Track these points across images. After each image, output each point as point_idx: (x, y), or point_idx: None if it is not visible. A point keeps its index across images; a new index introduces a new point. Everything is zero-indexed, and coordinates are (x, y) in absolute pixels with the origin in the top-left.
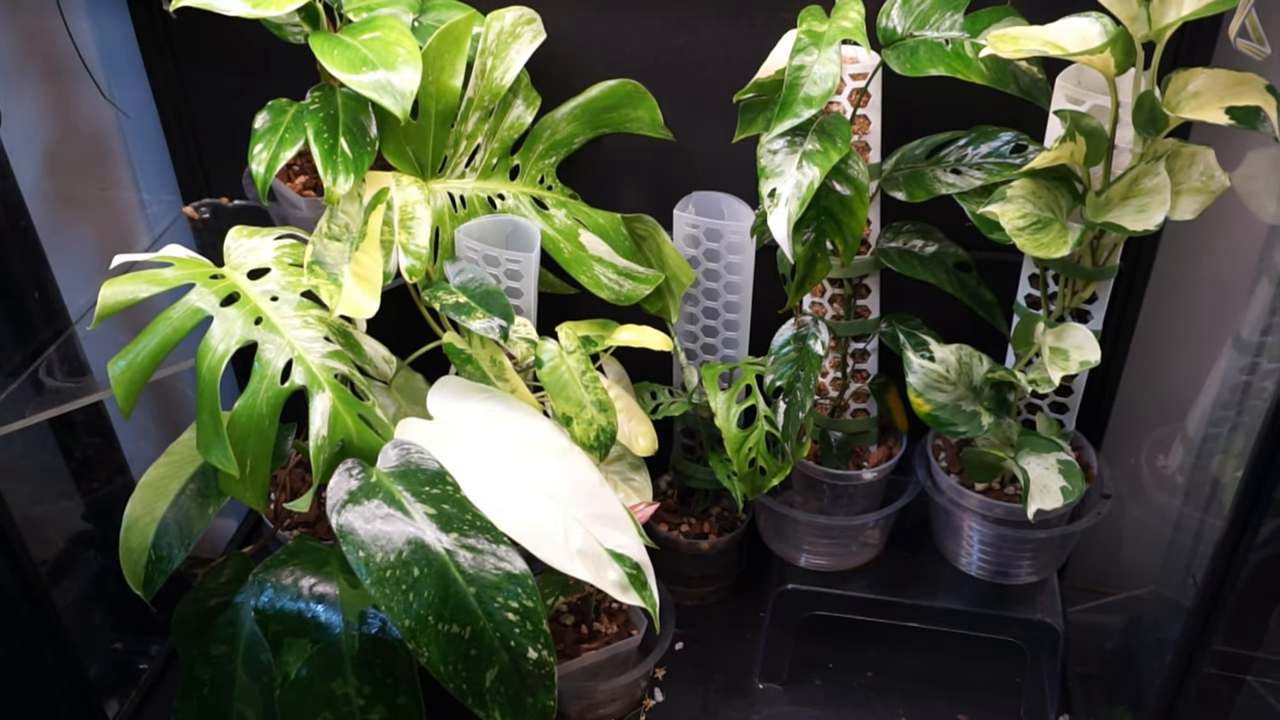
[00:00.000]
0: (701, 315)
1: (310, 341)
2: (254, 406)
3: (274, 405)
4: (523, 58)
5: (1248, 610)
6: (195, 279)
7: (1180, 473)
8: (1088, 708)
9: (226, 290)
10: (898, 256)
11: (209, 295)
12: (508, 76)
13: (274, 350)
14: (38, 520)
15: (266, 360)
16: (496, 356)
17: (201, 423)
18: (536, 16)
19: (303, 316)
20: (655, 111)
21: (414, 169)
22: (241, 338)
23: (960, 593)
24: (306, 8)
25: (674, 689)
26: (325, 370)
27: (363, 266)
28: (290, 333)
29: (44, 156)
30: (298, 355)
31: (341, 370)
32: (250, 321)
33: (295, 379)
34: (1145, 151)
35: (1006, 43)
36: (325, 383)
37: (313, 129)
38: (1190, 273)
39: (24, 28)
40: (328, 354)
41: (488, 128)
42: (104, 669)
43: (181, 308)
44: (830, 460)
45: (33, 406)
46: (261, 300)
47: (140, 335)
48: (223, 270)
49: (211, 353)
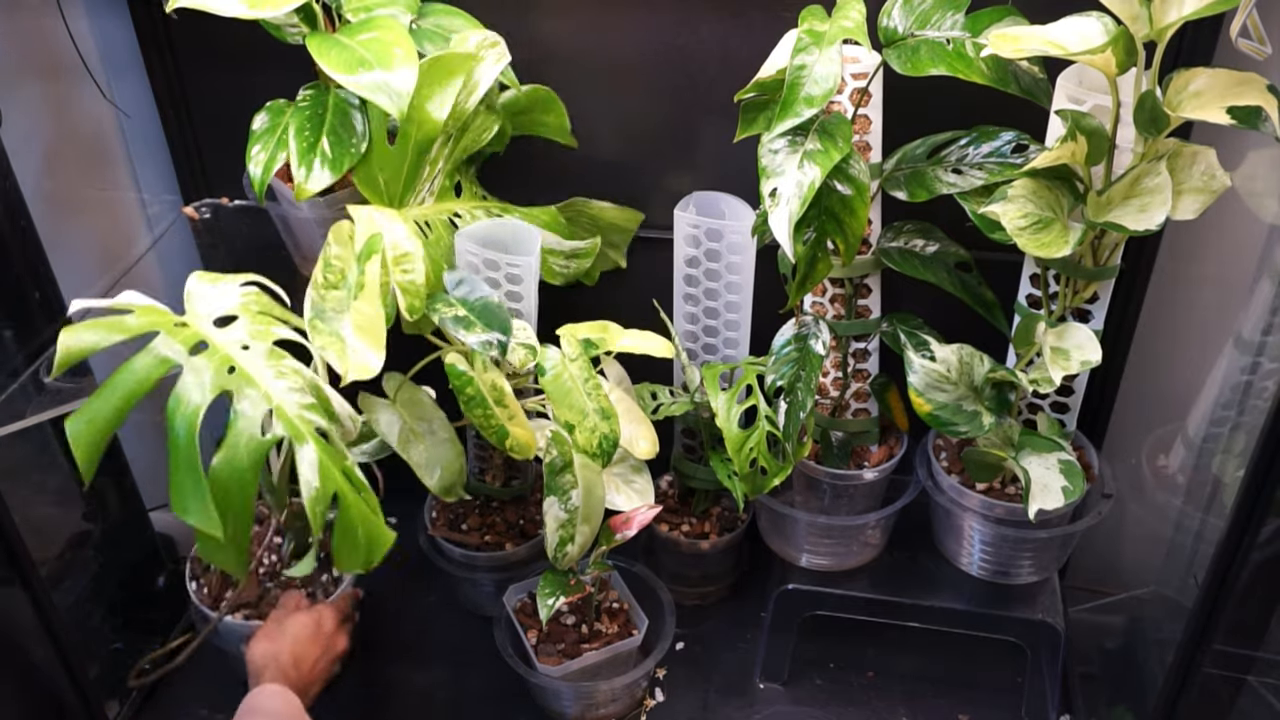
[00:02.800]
0: (702, 315)
1: (287, 393)
2: (235, 460)
3: (256, 458)
4: (488, 81)
5: (1248, 610)
6: (158, 327)
7: (1181, 472)
8: (1088, 707)
9: (193, 339)
10: (899, 256)
11: (175, 344)
12: (472, 100)
13: (251, 401)
14: (38, 520)
15: (243, 412)
16: (498, 381)
17: (177, 481)
18: (500, 40)
19: (275, 367)
20: (564, 118)
21: (383, 198)
22: (216, 387)
23: (961, 592)
24: (304, 8)
25: (674, 689)
26: (305, 422)
27: (364, 318)
28: (266, 383)
29: (44, 156)
30: (277, 406)
31: (320, 423)
32: (223, 371)
33: (276, 430)
34: (1146, 151)
35: (1007, 42)
36: (308, 434)
37: (295, 125)
38: (1191, 272)
39: (24, 28)
40: (305, 406)
41: (447, 151)
42: (104, 669)
43: (147, 357)
44: (831, 460)
45: (33, 406)
46: (232, 349)
47: (100, 390)
48: (184, 318)
49: (186, 403)
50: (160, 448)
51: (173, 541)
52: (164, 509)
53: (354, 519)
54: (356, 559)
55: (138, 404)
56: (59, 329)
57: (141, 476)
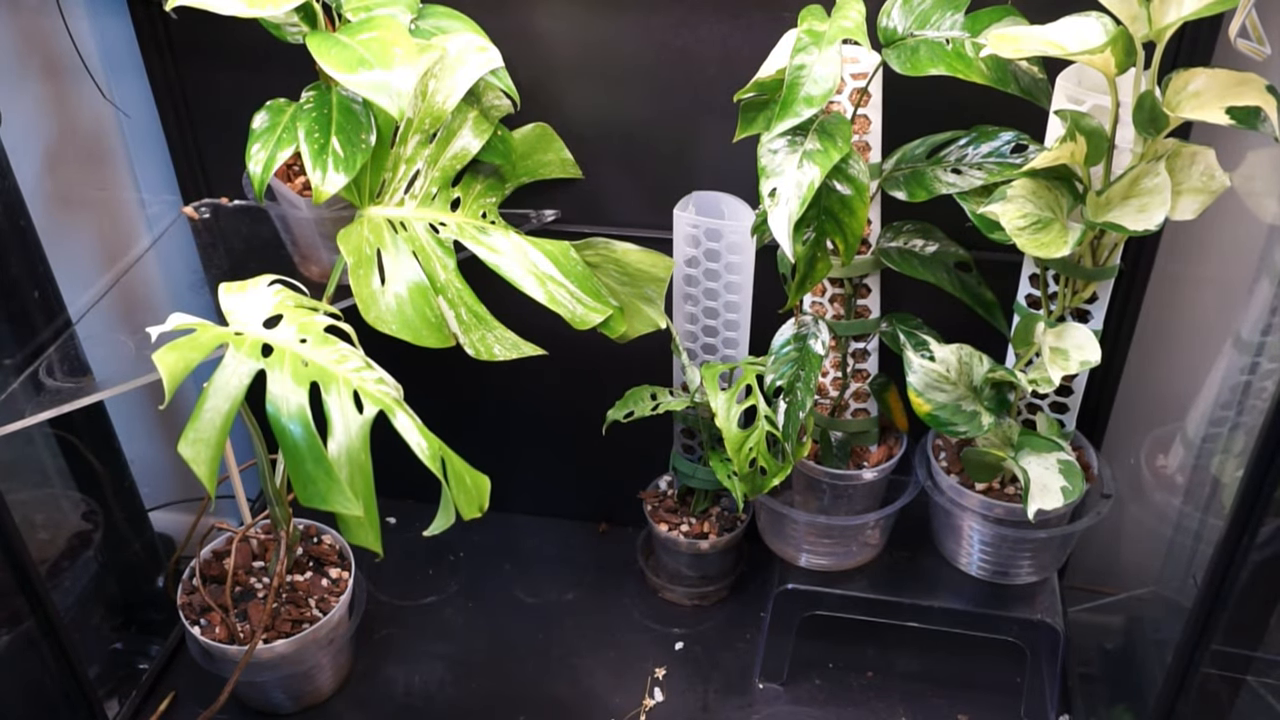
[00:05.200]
0: (702, 315)
1: (356, 373)
2: (349, 444)
3: (365, 436)
4: (468, 81)
5: (1248, 610)
6: (223, 339)
7: (1180, 473)
8: (1088, 708)
9: (257, 344)
10: (898, 256)
11: (243, 355)
12: (450, 100)
13: (335, 388)
14: (38, 520)
15: (333, 399)
16: None
17: (305, 474)
18: (490, 46)
19: (336, 353)
20: (562, 150)
21: (350, 192)
22: (303, 381)
23: (960, 593)
24: (304, 7)
25: (674, 688)
26: (385, 395)
27: None
28: (338, 369)
29: (44, 156)
30: (359, 388)
31: (394, 393)
32: (299, 366)
33: (369, 408)
34: (1146, 151)
35: (1007, 42)
36: (395, 405)
37: (304, 128)
38: (1190, 272)
39: (24, 27)
40: (377, 381)
41: (428, 153)
42: (104, 669)
43: (229, 370)
44: (830, 460)
45: (33, 406)
46: (293, 345)
47: (198, 410)
48: (237, 328)
49: (287, 404)
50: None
51: (172, 541)
52: (164, 509)
53: (459, 469)
54: (473, 503)
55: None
56: (59, 329)
57: (141, 476)
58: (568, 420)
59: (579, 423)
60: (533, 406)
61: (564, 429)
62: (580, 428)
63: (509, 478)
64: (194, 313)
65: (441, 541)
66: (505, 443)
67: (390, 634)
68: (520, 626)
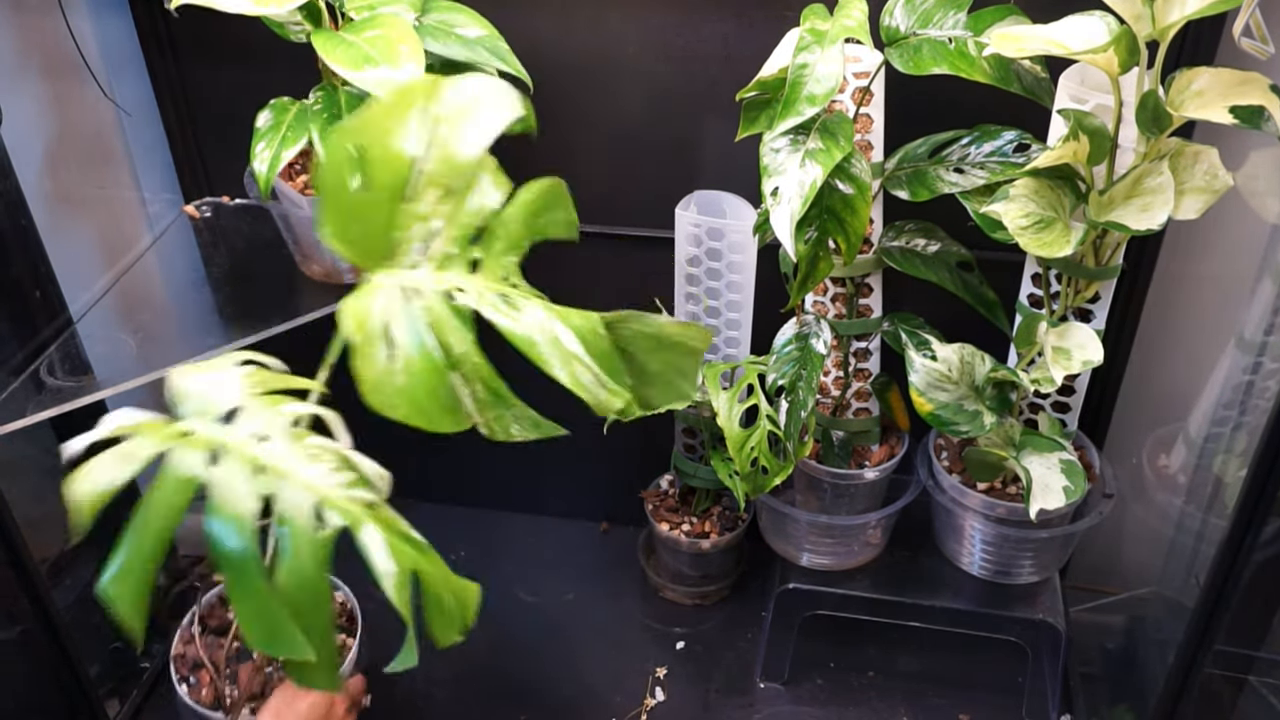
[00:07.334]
0: (703, 314)
1: (327, 475)
2: (300, 569)
3: (321, 560)
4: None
5: (1250, 610)
6: (166, 443)
7: (1183, 472)
8: (1089, 707)
9: (206, 447)
10: (900, 255)
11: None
12: (470, 147)
13: (294, 497)
14: (38, 520)
15: (290, 512)
16: None
17: (249, 613)
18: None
19: (304, 451)
20: (570, 210)
21: (359, 254)
22: (254, 495)
23: (962, 592)
24: (308, 5)
25: (675, 688)
26: (355, 503)
27: None
28: (302, 473)
29: (45, 155)
30: (323, 496)
31: (367, 498)
32: (253, 474)
33: (332, 521)
34: (1148, 151)
35: (1010, 42)
36: (364, 516)
37: (318, 129)
38: (1193, 272)
39: (25, 26)
40: (348, 485)
41: (447, 210)
42: (104, 669)
43: (166, 484)
44: (832, 459)
45: (33, 406)
46: (251, 446)
47: (125, 540)
48: (186, 425)
49: (228, 522)
50: None
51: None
52: None
53: (437, 587)
54: (453, 627)
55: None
56: (60, 328)
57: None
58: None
59: (580, 422)
60: (533, 405)
61: (564, 428)
62: (581, 427)
63: (509, 477)
64: (194, 312)
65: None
66: (505, 442)
67: (390, 634)
68: (521, 626)
